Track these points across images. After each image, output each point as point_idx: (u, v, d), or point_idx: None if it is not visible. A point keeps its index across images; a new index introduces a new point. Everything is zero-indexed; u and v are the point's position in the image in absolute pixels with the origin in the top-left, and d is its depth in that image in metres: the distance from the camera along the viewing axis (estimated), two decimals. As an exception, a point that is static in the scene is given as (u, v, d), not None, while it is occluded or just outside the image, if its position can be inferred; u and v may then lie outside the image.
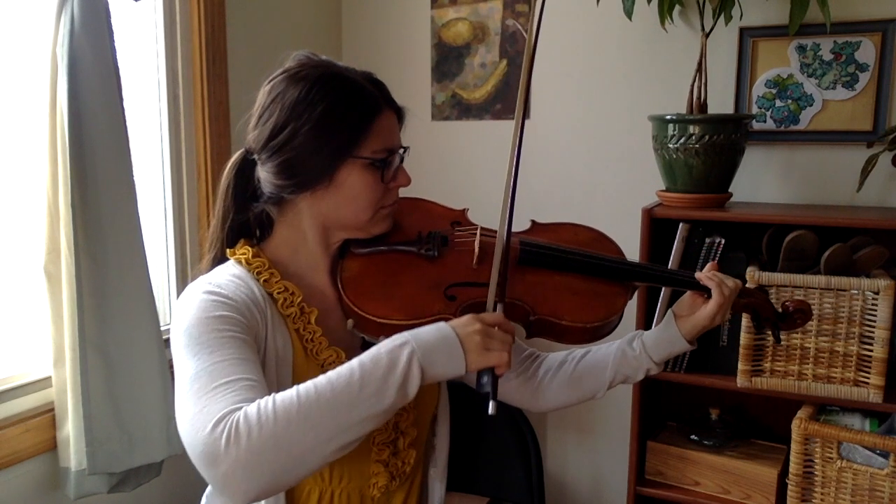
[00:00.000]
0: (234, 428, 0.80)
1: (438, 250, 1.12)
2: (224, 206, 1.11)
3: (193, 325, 0.94)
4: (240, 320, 0.97)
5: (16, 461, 1.47)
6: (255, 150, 1.07)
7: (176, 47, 1.83)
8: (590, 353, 1.22)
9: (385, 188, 1.07)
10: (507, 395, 1.25)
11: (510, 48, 2.21)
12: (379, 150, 1.05)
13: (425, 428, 1.19)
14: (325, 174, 1.03)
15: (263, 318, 1.02)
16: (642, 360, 1.17)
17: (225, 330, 0.94)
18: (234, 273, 1.05)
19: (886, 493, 1.58)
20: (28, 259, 1.53)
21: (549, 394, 1.23)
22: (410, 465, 1.14)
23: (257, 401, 0.83)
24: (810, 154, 1.92)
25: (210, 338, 0.92)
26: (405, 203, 1.19)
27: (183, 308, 0.98)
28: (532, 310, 1.07)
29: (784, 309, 1.20)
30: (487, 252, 1.12)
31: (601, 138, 2.14)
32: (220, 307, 0.97)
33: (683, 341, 1.15)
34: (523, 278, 1.11)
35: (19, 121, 1.52)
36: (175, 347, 0.95)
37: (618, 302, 1.13)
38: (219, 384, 0.86)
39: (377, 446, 1.08)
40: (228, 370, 0.88)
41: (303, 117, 1.01)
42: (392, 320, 1.03)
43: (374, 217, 1.08)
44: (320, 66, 1.05)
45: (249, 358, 0.92)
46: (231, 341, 0.92)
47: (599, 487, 2.31)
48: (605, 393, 1.20)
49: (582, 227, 1.26)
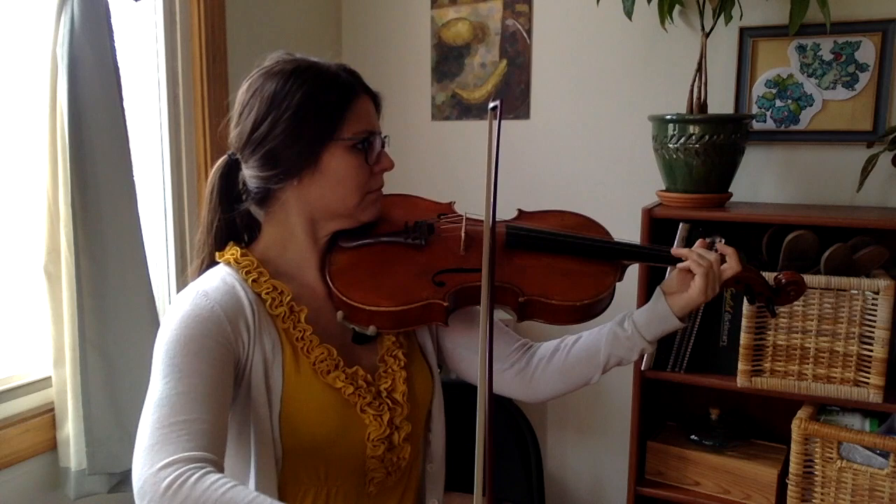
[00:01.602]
0: (177, 484, 0.83)
1: (425, 238, 1.13)
2: (210, 209, 1.12)
3: (171, 342, 0.96)
4: (218, 340, 0.98)
5: (16, 461, 1.47)
6: (238, 147, 1.08)
7: (176, 47, 1.83)
8: (581, 339, 1.21)
9: (370, 171, 1.09)
10: (502, 387, 1.25)
11: (510, 48, 2.21)
12: (360, 131, 1.06)
13: (420, 423, 1.19)
14: (310, 160, 1.05)
15: (249, 324, 1.03)
16: (635, 339, 1.16)
17: (200, 352, 0.96)
18: (223, 276, 1.06)
19: (886, 493, 1.58)
20: (28, 259, 1.53)
21: (543, 382, 1.22)
22: (406, 459, 1.14)
23: (209, 476, 0.84)
24: (810, 154, 1.92)
25: (182, 361, 0.94)
26: (393, 198, 1.21)
27: (170, 317, 1.00)
28: (521, 291, 1.09)
29: (777, 283, 1.20)
30: (474, 238, 1.14)
31: (601, 138, 2.14)
32: (200, 324, 0.98)
33: (675, 318, 1.14)
34: (511, 262, 1.13)
35: (19, 121, 1.52)
36: (154, 356, 0.98)
37: (606, 280, 1.13)
38: (175, 422, 0.89)
39: (372, 442, 1.08)
40: (188, 406, 0.91)
41: (282, 106, 1.03)
42: (381, 307, 1.04)
43: (362, 202, 1.09)
44: (294, 61, 1.08)
45: (213, 391, 0.95)
46: (200, 369, 0.95)
47: (599, 487, 2.31)
48: (599, 377, 1.20)
49: (569, 213, 1.27)
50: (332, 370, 1.06)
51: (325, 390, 1.05)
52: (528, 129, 2.22)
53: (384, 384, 1.11)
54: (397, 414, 1.11)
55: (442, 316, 1.07)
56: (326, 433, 1.05)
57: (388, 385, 1.11)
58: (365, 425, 1.08)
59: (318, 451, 1.06)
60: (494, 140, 0.95)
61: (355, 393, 1.07)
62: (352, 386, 1.06)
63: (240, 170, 1.10)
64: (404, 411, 1.12)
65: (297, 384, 1.04)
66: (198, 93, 1.86)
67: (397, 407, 1.11)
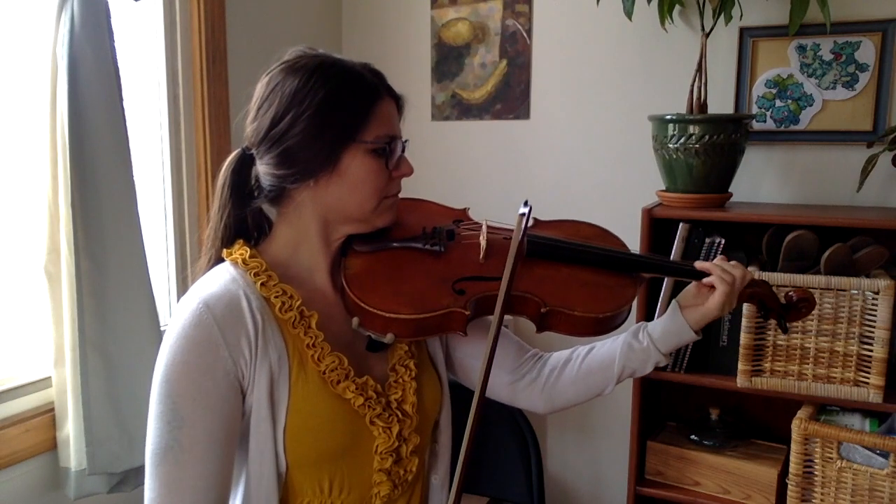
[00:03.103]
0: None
1: (444, 245, 1.11)
2: (221, 204, 1.08)
3: (172, 377, 0.96)
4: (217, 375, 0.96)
5: (16, 461, 1.47)
6: (255, 142, 1.05)
7: (176, 47, 1.83)
8: (595, 349, 1.19)
9: (389, 176, 1.06)
10: (513, 398, 1.23)
11: (510, 48, 2.21)
12: (381, 135, 1.03)
13: (428, 434, 1.17)
14: (329, 160, 1.01)
15: (251, 340, 0.99)
16: (650, 352, 1.14)
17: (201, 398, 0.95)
18: (227, 279, 1.02)
19: (886, 493, 1.58)
20: (28, 259, 1.53)
21: (556, 393, 1.20)
22: (413, 472, 1.10)
23: None
24: (810, 154, 1.92)
25: (184, 408, 0.95)
26: (406, 203, 1.18)
27: (172, 331, 0.98)
28: (543, 302, 1.06)
29: (788, 300, 1.19)
30: (494, 247, 1.11)
31: (601, 138, 2.14)
32: (200, 356, 0.96)
33: (691, 332, 1.13)
34: (532, 272, 1.10)
35: (19, 121, 1.52)
36: (155, 378, 0.97)
37: (627, 293, 1.12)
38: (180, 480, 0.94)
39: (380, 455, 1.05)
40: (192, 465, 0.94)
41: (303, 104, 1.00)
42: (400, 314, 1.01)
43: (378, 207, 1.06)
44: (317, 57, 1.05)
45: (216, 442, 0.96)
46: (204, 421, 0.95)
47: (599, 487, 2.31)
48: (612, 388, 1.18)
49: (584, 223, 1.25)
50: (343, 380, 1.02)
51: (334, 401, 1.01)
52: (528, 129, 2.22)
53: (394, 395, 1.08)
54: (406, 426, 1.08)
55: (462, 325, 1.04)
56: (334, 446, 1.02)
57: (399, 396, 1.08)
58: (373, 437, 1.04)
59: (323, 463, 1.03)
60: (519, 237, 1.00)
61: (365, 404, 1.03)
62: (362, 397, 1.03)
63: (253, 165, 1.07)
64: (413, 423, 1.09)
65: (305, 395, 1.00)
66: (198, 93, 1.86)
67: (406, 419, 1.08)
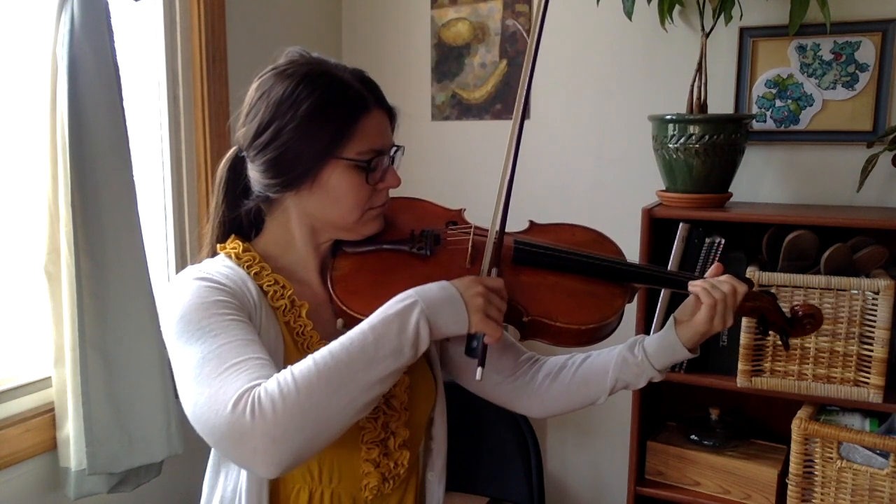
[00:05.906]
0: (258, 403, 0.81)
1: (431, 249, 1.10)
2: (217, 201, 1.11)
3: (191, 311, 0.93)
4: (237, 304, 0.97)
5: (16, 461, 1.47)
6: (244, 147, 1.06)
7: (176, 47, 1.83)
8: (590, 358, 1.19)
9: (372, 189, 1.05)
10: (506, 400, 1.23)
11: (510, 48, 2.21)
12: (364, 151, 1.02)
13: (420, 430, 1.17)
14: (308, 174, 1.01)
15: (252, 309, 1.01)
16: (644, 367, 1.13)
17: (225, 314, 0.93)
18: (225, 265, 1.04)
19: (886, 493, 1.58)
20: (28, 259, 1.53)
21: (548, 399, 1.20)
22: (404, 466, 1.11)
23: (274, 375, 0.84)
24: (810, 154, 1.92)
25: (212, 322, 0.92)
26: (401, 202, 1.18)
27: (174, 296, 0.97)
28: (525, 310, 1.05)
29: (793, 314, 1.14)
30: (480, 251, 1.10)
31: (601, 138, 2.14)
32: (216, 292, 0.96)
33: (684, 349, 1.09)
34: (518, 278, 1.08)
35: (19, 121, 1.52)
36: (171, 336, 0.94)
37: (615, 303, 1.09)
38: (230, 365, 0.86)
39: (366, 444, 1.07)
40: (237, 351, 0.88)
41: (287, 115, 1.00)
42: None
43: (362, 218, 1.06)
44: (308, 64, 1.04)
45: (255, 339, 0.93)
46: (233, 324, 0.92)
47: (599, 487, 2.31)
48: (605, 399, 1.18)
49: (580, 227, 1.23)
50: None
51: None
52: (528, 129, 2.20)
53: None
54: (393, 419, 1.09)
55: None
56: None
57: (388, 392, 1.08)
58: (360, 427, 1.06)
59: None
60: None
61: None
62: None
63: (247, 163, 1.07)
64: (401, 417, 1.10)
65: None
66: (198, 93, 1.86)
67: (394, 413, 1.09)
